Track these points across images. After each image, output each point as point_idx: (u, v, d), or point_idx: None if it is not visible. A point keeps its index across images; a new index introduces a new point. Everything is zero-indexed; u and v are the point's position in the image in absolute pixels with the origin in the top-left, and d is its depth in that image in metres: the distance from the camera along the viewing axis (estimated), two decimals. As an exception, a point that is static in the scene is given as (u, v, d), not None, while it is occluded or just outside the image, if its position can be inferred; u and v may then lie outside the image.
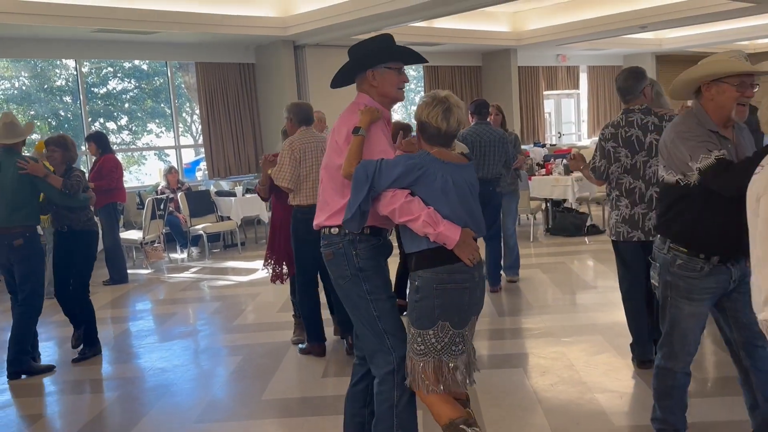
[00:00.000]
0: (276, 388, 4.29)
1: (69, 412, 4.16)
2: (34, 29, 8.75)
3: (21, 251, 4.70)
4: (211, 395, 4.30)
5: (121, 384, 4.60)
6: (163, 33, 9.65)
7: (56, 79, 12.96)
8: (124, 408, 4.18)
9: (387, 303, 2.84)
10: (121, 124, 14.98)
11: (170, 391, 4.47)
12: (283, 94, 11.14)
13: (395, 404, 2.79)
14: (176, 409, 4.16)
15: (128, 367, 4.98)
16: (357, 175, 2.63)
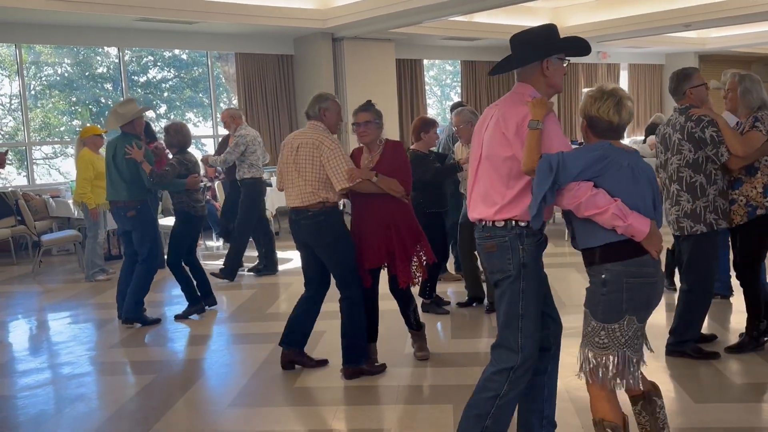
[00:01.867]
0: (308, 377, 4.34)
1: (107, 392, 4.26)
2: (77, 17, 8.93)
3: (134, 220, 5.63)
4: (244, 381, 4.36)
5: (157, 367, 4.69)
6: (203, 23, 9.77)
7: (98, 66, 13.16)
8: (159, 390, 4.26)
9: (534, 305, 2.80)
10: (160, 113, 15.20)
11: (204, 375, 4.55)
12: (320, 85, 11.19)
13: (499, 396, 2.78)
14: (210, 394, 4.24)
15: (164, 351, 5.08)
16: (541, 169, 2.56)
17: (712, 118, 3.96)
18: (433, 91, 16.43)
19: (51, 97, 12.35)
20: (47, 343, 5.49)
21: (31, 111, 10.81)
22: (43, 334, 5.74)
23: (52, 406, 4.09)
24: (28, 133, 10.08)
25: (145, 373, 4.57)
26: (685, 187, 4.08)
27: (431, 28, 11.45)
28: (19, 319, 6.16)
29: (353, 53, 11.41)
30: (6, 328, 5.85)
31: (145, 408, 3.97)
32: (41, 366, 4.83)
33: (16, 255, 9.11)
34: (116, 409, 3.95)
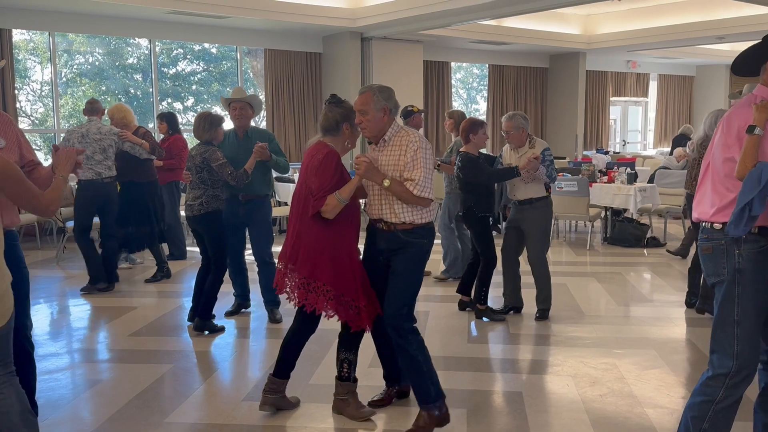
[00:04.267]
0: (323, 374, 4.35)
1: (125, 380, 4.30)
2: (110, 7, 9.04)
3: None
4: (260, 375, 4.38)
5: (174, 357, 4.73)
6: (234, 18, 9.84)
7: (128, 56, 13.30)
8: (176, 380, 4.30)
9: (752, 311, 2.68)
10: (187, 105, 15.33)
11: (221, 367, 4.58)
12: (347, 84, 11.22)
13: (715, 401, 2.73)
14: (226, 386, 4.26)
15: (181, 341, 5.12)
16: (750, 177, 2.49)
17: None
18: (459, 94, 16.38)
19: (81, 85, 12.51)
20: (67, 328, 5.57)
21: (61, 98, 10.95)
22: (64, 320, 5.82)
23: (69, 391, 4.14)
24: (58, 120, 10.22)
25: (163, 362, 4.61)
26: None
27: (460, 31, 11.43)
28: (41, 304, 6.25)
29: (381, 53, 11.42)
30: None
31: (162, 397, 4.01)
32: (60, 351, 4.90)
33: (41, 240, 9.25)
34: (133, 396, 3.99)
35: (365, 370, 4.38)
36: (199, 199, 5.05)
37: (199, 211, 5.06)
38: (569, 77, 14.47)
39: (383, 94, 3.42)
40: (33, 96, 12.17)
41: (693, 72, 17.56)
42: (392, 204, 3.43)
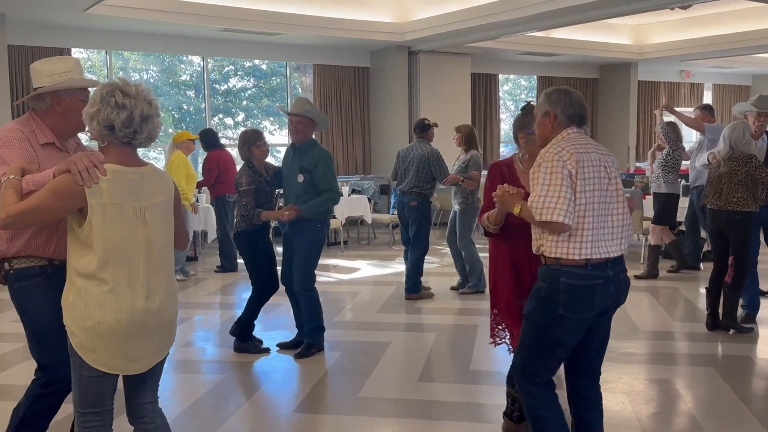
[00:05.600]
0: (373, 387, 4.35)
1: (178, 390, 4.38)
2: (165, 26, 9.30)
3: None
4: (309, 387, 4.40)
5: (225, 367, 4.79)
6: (284, 35, 10.02)
7: (181, 74, 13.64)
8: (227, 390, 4.36)
9: None
10: (238, 120, 15.63)
11: (271, 379, 4.62)
12: (394, 98, 11.29)
13: None
14: (275, 398, 4.30)
15: (232, 353, 5.18)
16: None
17: None
18: (507, 106, 16.29)
19: (137, 103, 12.87)
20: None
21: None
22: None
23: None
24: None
25: (215, 373, 4.68)
26: None
27: (508, 43, 11.38)
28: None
29: (429, 67, 11.45)
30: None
31: (214, 408, 4.06)
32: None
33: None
34: (187, 406, 4.06)
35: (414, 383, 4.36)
36: (235, 219, 5.05)
37: (234, 230, 5.06)
38: (620, 88, 14.24)
39: (549, 97, 2.85)
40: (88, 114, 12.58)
41: (749, 81, 17.07)
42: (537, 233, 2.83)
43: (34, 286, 2.68)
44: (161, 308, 2.47)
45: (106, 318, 2.34)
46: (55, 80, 2.69)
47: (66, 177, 2.29)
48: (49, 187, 2.30)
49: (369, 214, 9.86)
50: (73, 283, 2.38)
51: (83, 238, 2.33)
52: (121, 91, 2.34)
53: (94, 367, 2.38)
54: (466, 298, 6.70)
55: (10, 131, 2.66)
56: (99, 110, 2.33)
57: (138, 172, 2.41)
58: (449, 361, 4.90)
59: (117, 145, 2.39)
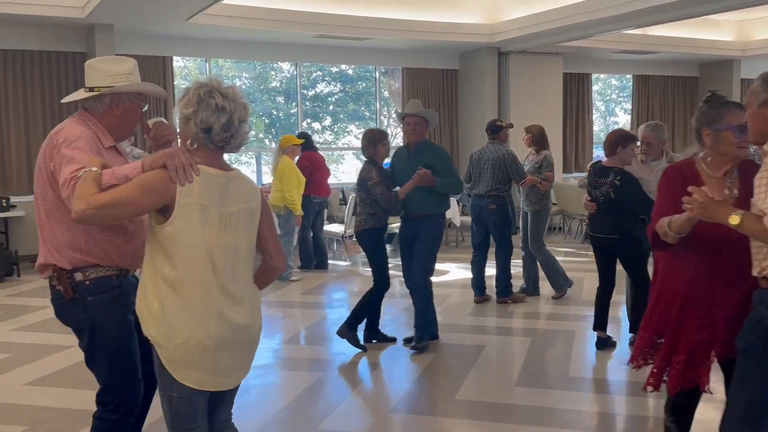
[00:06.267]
0: (469, 390, 4.32)
1: (280, 386, 4.49)
2: (260, 33, 9.57)
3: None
4: (405, 388, 4.42)
5: (321, 366, 4.88)
6: (374, 39, 10.12)
7: (272, 80, 14.01)
8: (325, 389, 4.44)
9: None
10: (325, 125, 15.90)
11: (365, 378, 4.67)
12: (483, 100, 11.19)
13: None
14: (372, 397, 4.34)
15: (326, 351, 5.27)
16: None
17: None
18: (597, 106, 15.86)
19: (231, 108, 13.30)
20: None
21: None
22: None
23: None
24: (212, 141, 10.92)
25: (313, 370, 4.76)
26: None
27: (602, 42, 11.06)
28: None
29: (519, 67, 11.29)
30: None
31: (314, 405, 4.14)
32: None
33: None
34: (287, 402, 4.16)
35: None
36: (359, 217, 5.10)
37: (358, 228, 5.12)
38: (722, 86, 13.55)
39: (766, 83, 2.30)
40: (186, 119, 13.11)
41: None
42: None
43: (111, 300, 2.48)
44: (246, 321, 2.33)
45: (194, 331, 2.20)
46: (116, 81, 2.52)
47: (160, 173, 2.15)
48: (139, 182, 2.15)
49: (458, 217, 9.81)
50: (158, 290, 2.20)
51: (163, 239, 2.18)
52: (220, 93, 2.21)
53: (183, 386, 2.23)
54: (558, 302, 6.55)
55: (78, 131, 2.45)
56: (196, 112, 2.19)
57: (226, 176, 2.27)
58: (547, 367, 4.81)
59: (210, 148, 2.26)
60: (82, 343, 2.57)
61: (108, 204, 2.13)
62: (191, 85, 2.27)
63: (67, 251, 2.46)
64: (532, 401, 4.11)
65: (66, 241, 2.46)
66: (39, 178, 2.51)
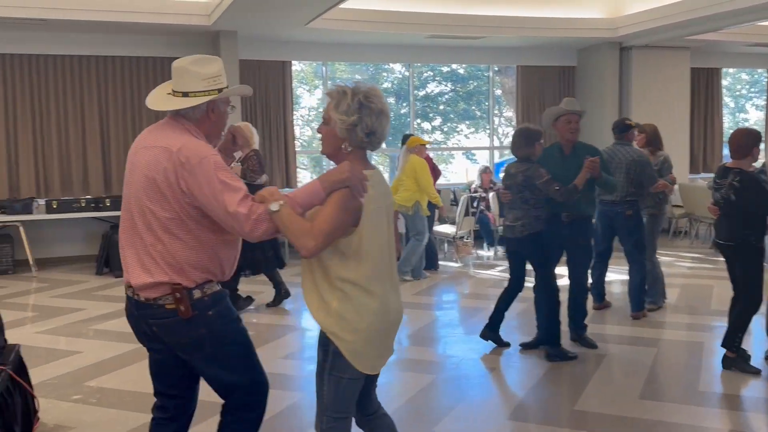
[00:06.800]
0: (589, 401, 4.15)
1: (395, 385, 4.50)
2: (375, 36, 9.67)
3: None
4: (521, 395, 4.31)
5: (434, 368, 4.85)
6: (488, 38, 9.98)
7: (384, 81, 14.15)
8: (439, 391, 4.41)
9: None
10: (435, 125, 15.88)
11: (481, 383, 4.59)
12: (603, 97, 10.77)
13: None
14: (488, 402, 4.26)
15: (438, 354, 5.24)
16: None
17: None
18: (725, 102, 14.92)
19: (344, 110, 13.55)
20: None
21: (328, 122, 12.01)
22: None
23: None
24: (325, 142, 11.15)
25: (428, 372, 4.74)
26: None
27: (734, 34, 10.35)
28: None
29: (642, 63, 10.77)
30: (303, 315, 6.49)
31: (428, 407, 4.12)
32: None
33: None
34: (402, 402, 4.16)
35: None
36: (520, 221, 4.74)
37: (521, 233, 4.75)
38: None
39: None
40: (302, 121, 13.49)
41: None
42: None
43: (226, 310, 2.49)
44: (401, 306, 2.57)
45: (375, 322, 2.38)
46: (210, 84, 2.42)
47: (347, 192, 2.26)
48: (338, 205, 2.25)
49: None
50: (336, 289, 2.34)
51: (347, 249, 2.32)
52: (374, 96, 2.32)
53: (356, 371, 2.39)
54: (685, 312, 6.19)
55: (203, 146, 2.37)
56: (360, 118, 2.30)
57: (374, 173, 2.42)
58: (674, 379, 4.54)
59: (361, 149, 2.39)
60: (199, 355, 2.47)
61: (328, 234, 2.24)
62: (339, 91, 2.33)
63: (189, 270, 2.37)
64: (659, 416, 3.88)
65: (187, 260, 2.36)
66: (148, 193, 2.34)
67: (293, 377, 4.70)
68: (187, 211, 2.33)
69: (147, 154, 2.38)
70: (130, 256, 2.43)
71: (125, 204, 2.47)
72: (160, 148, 2.36)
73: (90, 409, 4.08)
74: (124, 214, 2.48)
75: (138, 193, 2.38)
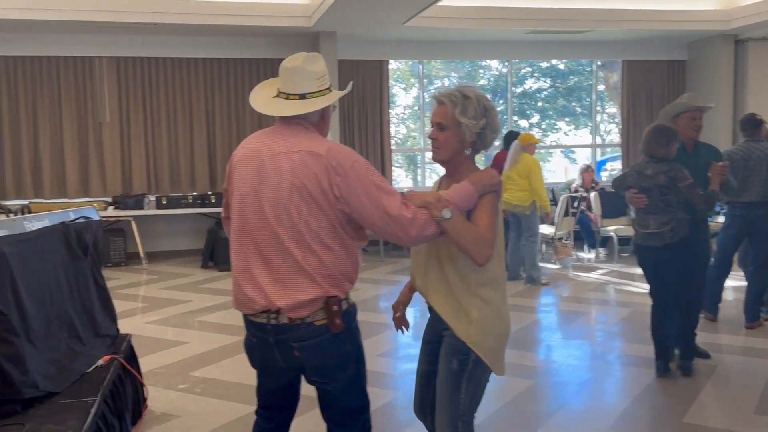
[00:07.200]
0: (700, 414, 3.92)
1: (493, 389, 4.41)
2: (472, 32, 9.57)
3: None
4: (624, 405, 4.12)
5: (532, 373, 4.72)
6: (592, 32, 9.66)
7: (480, 78, 13.98)
8: (538, 397, 4.29)
9: None
10: (532, 122, 15.54)
11: (581, 390, 4.43)
12: (716, 92, 10.19)
13: None
14: (589, 410, 4.11)
15: (538, 359, 5.10)
16: None
17: None
18: None
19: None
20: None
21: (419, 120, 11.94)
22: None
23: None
24: (424, 140, 11.16)
25: (527, 377, 4.62)
26: None
27: None
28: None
29: (760, 56, 10.12)
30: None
31: (526, 413, 4.02)
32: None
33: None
34: (498, 407, 4.07)
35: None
36: (668, 225, 4.30)
37: (671, 239, 4.30)
38: None
39: None
40: (397, 118, 13.53)
41: None
42: None
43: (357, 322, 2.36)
44: None
45: (508, 322, 2.48)
46: (322, 83, 2.28)
47: (494, 196, 2.32)
48: (493, 211, 2.29)
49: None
50: (474, 297, 2.36)
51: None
52: (486, 97, 2.38)
53: (490, 375, 2.47)
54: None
55: (352, 150, 2.25)
56: (488, 121, 2.35)
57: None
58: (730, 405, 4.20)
59: (476, 152, 2.45)
60: (342, 377, 2.29)
61: (494, 240, 2.26)
62: (460, 95, 2.32)
63: (341, 280, 2.22)
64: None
65: (339, 269, 2.21)
66: (296, 202, 2.15)
67: (388, 375, 4.71)
68: (338, 218, 2.17)
69: (288, 160, 2.16)
70: (263, 276, 2.20)
71: (243, 224, 2.24)
72: (305, 152, 2.16)
73: (195, 398, 4.24)
74: (240, 236, 2.25)
75: (283, 204, 2.15)
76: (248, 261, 2.23)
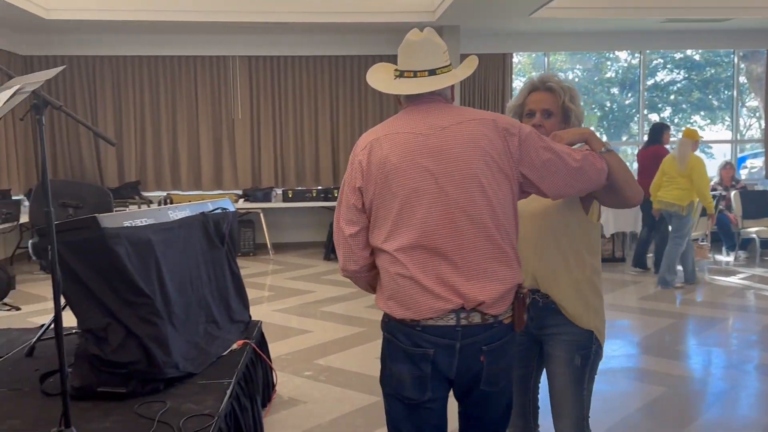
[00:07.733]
0: None
1: (622, 394, 4.24)
2: (601, 23, 9.19)
3: None
4: (765, 420, 3.82)
5: (664, 380, 4.48)
6: (735, 19, 9.01)
7: (607, 71, 13.44)
8: (671, 405, 4.06)
9: None
10: (663, 116, 14.78)
11: (718, 401, 4.15)
12: None
13: None
14: (728, 422, 3.84)
15: (670, 365, 4.83)
16: None
17: None
18: None
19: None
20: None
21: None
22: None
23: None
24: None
25: (654, 383, 4.40)
26: None
27: None
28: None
29: None
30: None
31: (659, 420, 3.81)
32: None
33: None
34: (629, 412, 3.90)
35: None
36: None
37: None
38: None
39: None
40: (514, 112, 13.26)
41: None
42: None
43: None
44: None
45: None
46: (447, 58, 2.06)
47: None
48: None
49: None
50: (589, 282, 2.33)
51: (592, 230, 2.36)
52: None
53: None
54: None
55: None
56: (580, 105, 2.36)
57: None
58: None
59: None
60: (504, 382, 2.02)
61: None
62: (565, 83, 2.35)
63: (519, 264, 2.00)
64: None
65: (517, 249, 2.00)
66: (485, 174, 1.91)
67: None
68: (514, 188, 1.97)
69: (464, 130, 1.92)
70: (450, 271, 1.89)
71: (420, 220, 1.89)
72: (473, 121, 1.94)
73: (319, 385, 4.36)
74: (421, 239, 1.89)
75: (473, 177, 1.89)
76: (431, 260, 1.90)
